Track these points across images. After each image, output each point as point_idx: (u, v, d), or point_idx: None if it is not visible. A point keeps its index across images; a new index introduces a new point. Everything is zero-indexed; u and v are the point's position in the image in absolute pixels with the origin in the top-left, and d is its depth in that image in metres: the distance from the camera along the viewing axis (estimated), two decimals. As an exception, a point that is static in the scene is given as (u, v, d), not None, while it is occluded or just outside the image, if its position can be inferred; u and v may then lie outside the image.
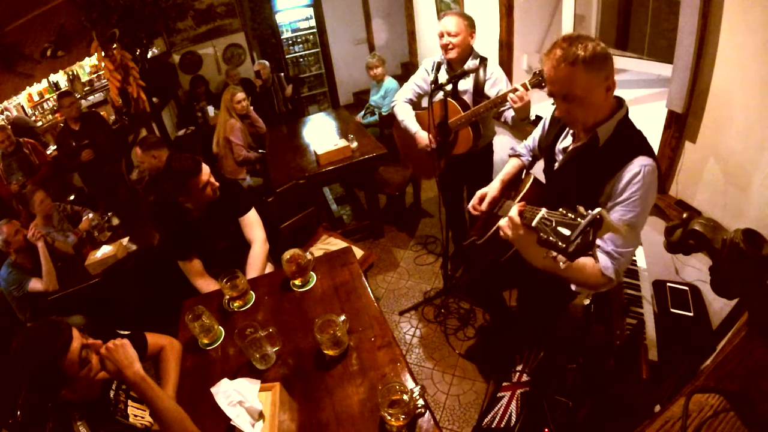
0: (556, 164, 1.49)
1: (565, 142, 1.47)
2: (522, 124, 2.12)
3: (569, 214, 0.98)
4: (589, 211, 0.93)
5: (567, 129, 1.46)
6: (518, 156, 1.80)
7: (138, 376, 1.19)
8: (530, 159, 1.78)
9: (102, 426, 1.22)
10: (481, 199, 1.70)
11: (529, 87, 1.86)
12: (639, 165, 1.22)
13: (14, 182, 3.56)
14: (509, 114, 2.19)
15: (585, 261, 1.26)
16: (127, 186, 4.15)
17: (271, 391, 1.24)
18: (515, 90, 1.88)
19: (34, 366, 1.14)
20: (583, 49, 1.13)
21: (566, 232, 0.95)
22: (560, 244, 0.95)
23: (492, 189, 1.71)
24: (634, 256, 1.96)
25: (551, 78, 1.22)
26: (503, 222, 1.29)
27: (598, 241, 1.28)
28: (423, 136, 2.34)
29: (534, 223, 1.06)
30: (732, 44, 1.51)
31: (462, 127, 2.20)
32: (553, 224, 1.00)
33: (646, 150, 1.27)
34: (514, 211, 1.25)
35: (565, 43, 1.17)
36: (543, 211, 1.07)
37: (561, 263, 1.02)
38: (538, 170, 1.67)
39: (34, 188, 2.89)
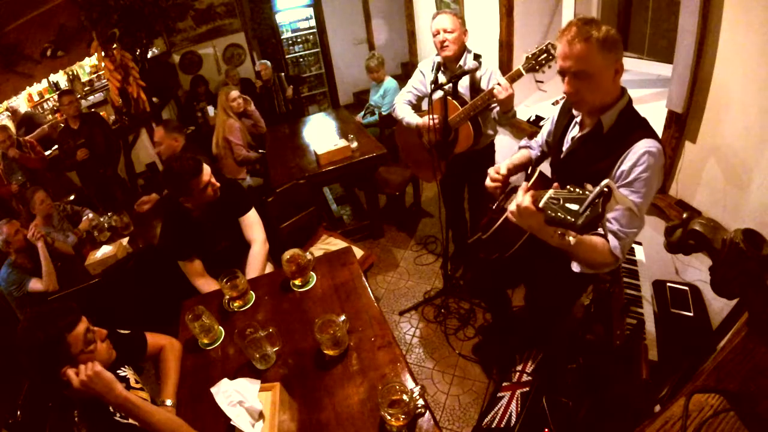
0: (563, 154, 1.50)
1: (573, 132, 1.48)
2: (505, 119, 2.15)
3: (577, 190, 0.97)
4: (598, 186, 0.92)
5: (574, 120, 1.47)
6: (527, 147, 1.80)
7: (120, 399, 1.19)
8: (539, 153, 1.77)
9: (101, 425, 1.22)
10: (497, 171, 1.67)
11: (523, 72, 1.88)
12: (644, 147, 1.23)
13: (14, 182, 3.56)
14: (495, 110, 2.20)
15: (596, 240, 1.29)
16: (122, 188, 4.16)
17: (271, 391, 1.24)
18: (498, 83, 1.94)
19: (41, 337, 1.16)
20: (597, 30, 1.18)
21: (575, 207, 0.94)
22: (569, 218, 0.94)
23: (503, 165, 1.67)
24: (633, 251, 1.97)
25: (565, 54, 1.23)
26: (512, 207, 1.27)
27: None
28: (426, 124, 2.31)
29: (541, 204, 1.05)
30: (732, 44, 1.51)
31: (461, 123, 2.20)
32: (561, 202, 0.99)
33: (651, 133, 1.28)
34: (521, 196, 1.23)
35: (580, 22, 1.21)
36: (550, 191, 1.06)
37: (571, 238, 1.01)
38: (545, 168, 1.67)
39: (35, 188, 2.89)
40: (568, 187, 1.00)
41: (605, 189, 0.90)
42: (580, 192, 0.96)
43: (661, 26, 2.32)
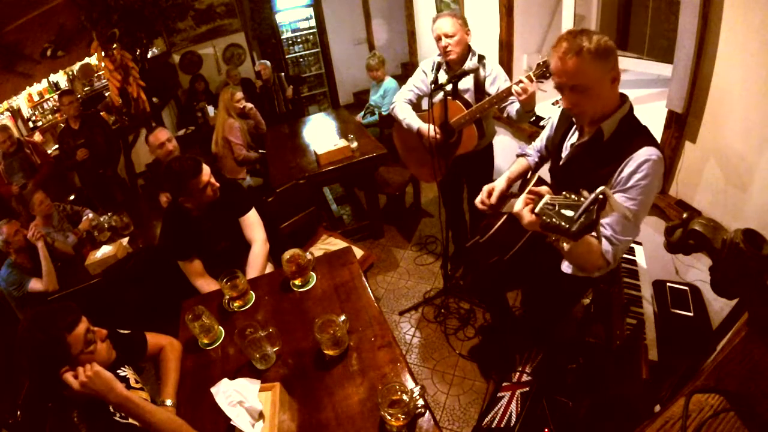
0: (562, 160, 1.49)
1: (573, 138, 1.47)
2: (526, 117, 2.10)
3: (572, 196, 0.98)
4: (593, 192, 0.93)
5: (574, 126, 1.47)
6: (525, 155, 1.79)
7: (121, 398, 1.19)
8: (537, 160, 1.77)
9: (101, 425, 1.22)
10: (489, 194, 1.66)
11: (533, 78, 1.80)
12: (645, 154, 1.22)
13: (15, 182, 3.56)
14: (513, 108, 2.13)
15: (591, 240, 1.27)
16: (122, 188, 4.16)
17: (271, 391, 1.24)
18: (520, 82, 1.83)
19: (41, 337, 1.16)
20: (588, 41, 1.17)
21: (570, 213, 0.95)
22: (563, 224, 0.94)
23: (499, 184, 1.67)
24: (633, 251, 1.97)
25: (558, 70, 1.23)
26: (517, 207, 1.24)
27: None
28: (426, 130, 2.26)
29: (537, 209, 1.05)
30: (732, 44, 1.51)
31: (466, 125, 2.19)
32: (557, 208, 0.99)
33: (652, 141, 1.27)
34: (519, 204, 1.23)
35: (570, 36, 1.20)
36: (546, 197, 1.06)
37: (564, 245, 1.01)
38: (544, 172, 1.67)
39: (34, 189, 2.89)
40: (563, 193, 1.01)
41: (600, 196, 0.91)
42: (576, 198, 0.97)
43: (661, 26, 2.32)
